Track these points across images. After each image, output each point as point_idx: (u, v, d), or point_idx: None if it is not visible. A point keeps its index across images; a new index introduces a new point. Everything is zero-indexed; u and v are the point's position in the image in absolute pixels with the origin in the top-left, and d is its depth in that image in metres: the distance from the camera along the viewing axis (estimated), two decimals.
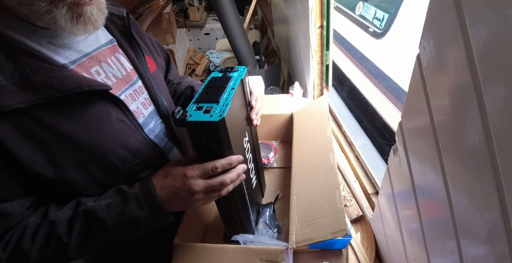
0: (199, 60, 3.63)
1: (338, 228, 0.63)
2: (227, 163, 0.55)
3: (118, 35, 0.64)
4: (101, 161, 0.54)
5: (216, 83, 0.61)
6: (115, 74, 0.60)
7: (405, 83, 1.12)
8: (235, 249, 0.64)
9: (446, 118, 0.40)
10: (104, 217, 0.51)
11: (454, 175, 0.41)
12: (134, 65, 0.65)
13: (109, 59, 0.60)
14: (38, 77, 0.46)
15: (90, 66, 0.56)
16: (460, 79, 0.36)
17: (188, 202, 0.55)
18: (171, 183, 0.54)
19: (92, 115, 0.52)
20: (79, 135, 0.51)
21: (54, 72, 0.48)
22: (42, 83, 0.46)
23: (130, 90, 0.62)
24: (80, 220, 0.51)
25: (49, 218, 0.51)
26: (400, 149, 0.56)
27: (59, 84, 0.47)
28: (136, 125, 0.60)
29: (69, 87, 0.47)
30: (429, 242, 0.52)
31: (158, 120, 0.68)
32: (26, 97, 0.45)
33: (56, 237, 0.50)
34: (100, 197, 0.54)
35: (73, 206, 0.53)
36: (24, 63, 0.46)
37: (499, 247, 0.34)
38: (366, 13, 1.47)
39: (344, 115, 1.40)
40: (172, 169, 0.56)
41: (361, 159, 1.05)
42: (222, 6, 1.86)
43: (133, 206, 0.52)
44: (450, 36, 0.36)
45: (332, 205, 0.69)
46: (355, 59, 1.54)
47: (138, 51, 0.66)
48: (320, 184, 0.76)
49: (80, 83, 0.49)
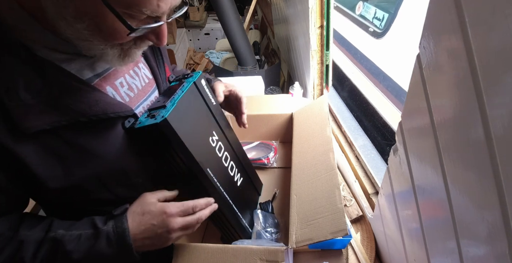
0: (199, 60, 3.63)
1: (338, 228, 0.63)
2: (204, 203, 0.59)
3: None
4: (118, 175, 0.55)
5: (169, 91, 0.63)
6: (137, 85, 0.60)
7: (405, 83, 1.11)
8: (235, 249, 0.64)
9: (446, 118, 0.40)
10: (71, 250, 0.50)
11: (454, 175, 0.41)
12: (154, 75, 0.64)
13: (131, 71, 0.60)
14: (65, 99, 0.46)
15: (115, 78, 0.55)
16: (460, 79, 0.36)
17: (163, 240, 0.55)
18: (149, 220, 0.54)
19: (112, 134, 0.53)
20: (99, 151, 0.51)
21: (82, 94, 0.47)
22: (69, 106, 0.46)
23: (147, 101, 0.62)
24: (47, 246, 0.49)
25: (20, 237, 0.49)
26: (400, 148, 0.56)
27: (86, 109, 0.47)
28: None
29: (96, 114, 0.47)
30: (429, 242, 0.52)
31: None
32: (52, 118, 0.44)
33: (21, 259, 0.48)
34: (72, 225, 0.53)
35: (45, 228, 0.51)
36: (53, 81, 0.45)
37: (499, 247, 0.34)
38: (366, 13, 1.47)
39: (344, 115, 1.40)
40: (150, 206, 0.55)
41: (361, 159, 1.05)
42: (222, 6, 1.86)
43: (103, 244, 0.51)
44: (450, 36, 0.36)
45: (332, 205, 0.69)
46: (355, 59, 1.54)
47: (160, 60, 0.66)
48: (320, 183, 0.76)
49: (107, 109, 0.49)
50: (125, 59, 0.49)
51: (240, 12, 2.45)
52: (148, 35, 0.48)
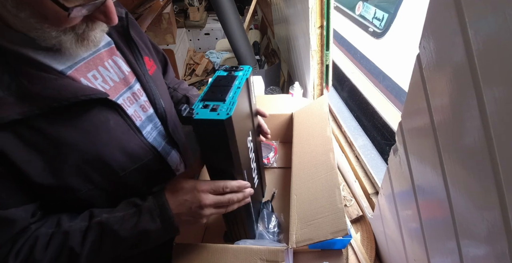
0: (199, 60, 3.63)
1: (338, 227, 0.63)
2: (237, 186, 0.58)
3: (116, 36, 0.63)
4: (101, 167, 0.54)
5: (221, 82, 0.61)
6: (113, 78, 0.60)
7: (405, 83, 1.12)
8: (236, 249, 0.64)
9: (446, 118, 0.40)
10: (118, 229, 0.52)
11: (454, 175, 0.41)
12: (132, 68, 0.64)
13: (106, 63, 0.59)
14: (34, 87, 0.46)
15: (87, 71, 0.55)
16: (460, 79, 0.36)
17: (197, 216, 0.56)
18: (182, 196, 0.56)
19: (91, 123, 0.53)
20: (78, 142, 0.51)
21: (51, 82, 0.48)
22: (39, 93, 0.46)
23: (128, 93, 0.62)
24: (94, 231, 0.52)
25: (63, 229, 0.51)
26: (400, 149, 0.56)
27: (55, 94, 0.47)
28: (135, 130, 0.60)
29: (66, 97, 0.48)
30: (429, 242, 0.52)
31: (158, 123, 0.68)
32: (23, 108, 0.45)
33: (69, 248, 0.50)
34: (114, 209, 0.55)
35: (87, 217, 0.53)
36: (20, 73, 0.46)
37: (499, 247, 0.34)
38: (366, 13, 1.47)
39: (344, 115, 1.40)
40: (183, 183, 0.57)
41: (361, 159, 1.05)
42: (222, 6, 1.86)
43: (147, 219, 0.54)
44: (450, 36, 0.36)
45: (332, 204, 0.69)
46: (355, 59, 1.54)
47: (137, 52, 0.65)
48: (320, 183, 0.76)
49: (76, 93, 0.49)
50: (85, 43, 0.49)
51: (240, 12, 2.45)
52: (96, 14, 0.47)
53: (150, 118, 0.66)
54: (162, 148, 0.68)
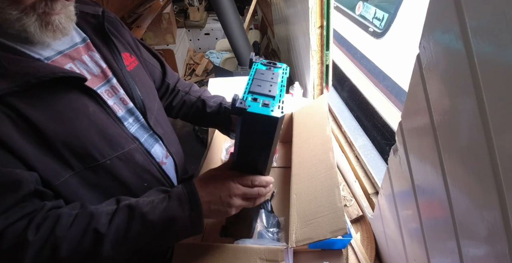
0: (199, 60, 3.63)
1: (337, 226, 0.63)
2: (265, 180, 0.58)
3: (92, 33, 0.65)
4: (79, 152, 0.54)
5: (264, 76, 0.60)
6: (90, 71, 0.61)
7: (405, 83, 1.12)
8: (235, 249, 0.64)
9: (446, 118, 0.40)
10: (147, 211, 0.51)
11: (454, 175, 0.41)
12: (107, 63, 0.65)
13: (83, 57, 0.61)
14: (13, 67, 0.47)
15: (63, 63, 0.57)
16: (460, 79, 0.36)
17: (226, 205, 0.55)
18: (212, 184, 0.56)
19: (67, 106, 0.53)
20: (54, 124, 0.51)
21: (29, 63, 0.49)
22: (17, 72, 0.47)
23: (106, 86, 0.63)
24: (122, 213, 0.51)
25: (88, 210, 0.50)
26: (400, 148, 0.56)
27: (34, 71, 0.48)
28: (115, 119, 0.61)
29: (44, 74, 0.49)
30: (429, 242, 0.52)
31: (139, 117, 0.68)
32: (2, 85, 0.46)
33: (94, 229, 0.49)
34: (141, 196, 0.55)
35: (114, 202, 0.53)
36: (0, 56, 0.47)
37: (499, 247, 0.34)
38: (366, 13, 1.47)
39: (344, 115, 1.40)
40: (213, 171, 0.59)
41: (361, 159, 1.05)
42: (222, 6, 1.86)
43: (175, 204, 0.53)
44: (450, 36, 0.36)
45: (331, 204, 0.69)
46: (355, 59, 1.54)
47: (113, 48, 0.67)
48: (319, 183, 0.76)
49: (54, 71, 0.50)
50: (50, 28, 0.50)
51: (240, 12, 2.45)
52: None
53: (131, 111, 0.67)
54: (145, 140, 0.68)
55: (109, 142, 0.58)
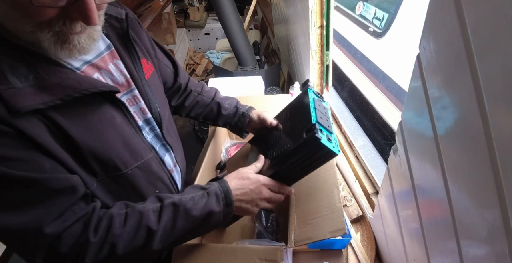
0: (199, 60, 3.63)
1: (337, 227, 0.63)
2: (288, 190, 0.67)
3: (116, 39, 0.63)
4: (105, 161, 0.55)
5: (321, 108, 0.70)
6: (115, 80, 0.60)
7: (405, 83, 1.11)
8: (235, 249, 0.64)
9: (446, 118, 0.40)
10: (190, 207, 0.56)
11: (454, 175, 0.41)
12: (130, 72, 0.64)
13: (109, 66, 0.60)
14: (53, 79, 0.46)
15: (91, 73, 0.56)
16: (460, 79, 0.36)
17: (254, 205, 0.63)
18: (248, 185, 0.62)
19: (99, 118, 0.53)
20: (87, 136, 0.51)
21: (68, 74, 0.48)
22: (59, 84, 0.46)
23: (128, 95, 0.63)
24: (169, 210, 0.55)
25: (137, 209, 0.53)
26: (400, 148, 0.56)
27: (76, 85, 0.47)
28: (136, 128, 0.61)
29: (86, 87, 0.48)
30: (429, 242, 0.52)
31: (155, 127, 0.69)
32: (44, 98, 0.45)
33: (146, 227, 0.52)
34: (180, 193, 0.59)
35: (156, 200, 0.56)
36: (36, 66, 0.46)
37: (499, 247, 0.34)
38: (366, 13, 1.47)
39: (344, 115, 1.40)
40: (248, 174, 0.64)
41: (361, 159, 1.05)
42: (222, 6, 1.86)
43: (213, 201, 0.58)
44: (450, 36, 0.36)
45: (331, 204, 0.69)
46: (355, 59, 1.54)
47: (135, 55, 0.65)
48: (319, 183, 0.76)
49: (95, 84, 0.50)
50: (66, 46, 0.46)
51: (240, 12, 2.45)
52: (73, 13, 0.43)
53: (148, 122, 0.67)
54: (159, 149, 0.69)
55: (131, 152, 0.59)
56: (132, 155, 0.59)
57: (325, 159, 0.63)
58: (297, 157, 0.62)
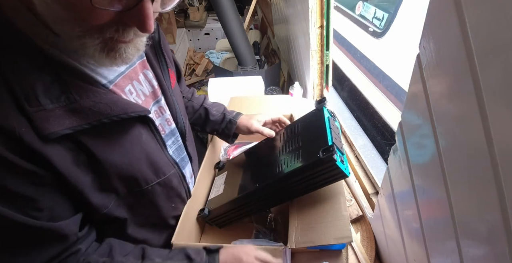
0: (199, 60, 3.62)
1: (342, 234, 0.64)
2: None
3: (148, 49, 0.61)
4: (128, 179, 0.54)
5: (334, 128, 0.73)
6: (144, 92, 0.59)
7: (405, 83, 1.11)
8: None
9: (446, 118, 0.40)
10: None
11: (454, 175, 0.41)
12: (159, 82, 0.63)
13: (139, 77, 0.59)
14: (85, 101, 0.44)
15: (124, 85, 0.54)
16: (460, 79, 0.36)
17: None
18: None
19: (127, 137, 0.52)
20: (112, 155, 0.50)
21: (101, 96, 0.46)
22: (90, 108, 0.44)
23: (155, 107, 0.62)
24: None
25: (115, 261, 0.52)
26: (400, 148, 0.56)
27: (107, 110, 0.46)
28: (161, 144, 0.60)
29: (117, 113, 0.46)
30: (429, 242, 0.52)
31: (178, 138, 0.68)
32: (73, 123, 0.43)
33: None
34: (167, 255, 0.58)
35: (139, 256, 0.55)
36: (70, 85, 0.44)
37: (499, 247, 0.34)
38: (366, 13, 1.47)
39: (344, 115, 1.40)
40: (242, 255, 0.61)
41: (361, 159, 1.05)
42: (222, 6, 1.86)
43: None
44: (450, 36, 0.36)
45: (336, 211, 0.70)
46: (355, 59, 1.54)
47: (164, 65, 0.64)
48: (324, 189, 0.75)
49: (127, 109, 0.48)
50: (111, 55, 0.44)
51: (240, 12, 2.45)
52: (129, 18, 0.40)
53: (173, 133, 0.66)
54: (179, 161, 0.69)
55: (154, 168, 0.58)
56: (155, 171, 0.58)
57: (335, 179, 0.65)
58: (307, 174, 0.64)
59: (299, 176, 0.65)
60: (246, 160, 0.89)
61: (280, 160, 0.72)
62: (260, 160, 0.84)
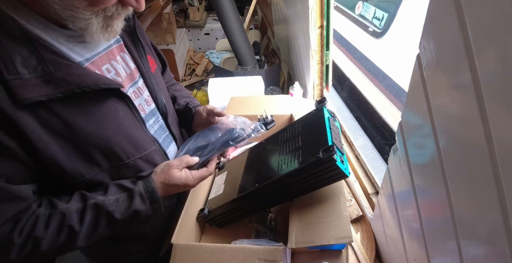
0: (199, 60, 3.62)
1: (343, 234, 0.64)
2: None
3: (124, 35, 0.67)
4: (107, 153, 0.58)
5: (334, 128, 0.72)
6: (122, 73, 0.63)
7: (405, 83, 1.11)
8: (233, 249, 0.64)
9: (446, 118, 0.40)
10: (113, 210, 0.57)
11: (454, 175, 0.41)
12: (137, 65, 0.68)
13: (117, 58, 0.63)
14: (59, 73, 0.49)
15: (101, 64, 0.59)
16: (460, 79, 0.36)
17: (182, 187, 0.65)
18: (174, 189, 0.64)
19: (103, 111, 0.56)
20: (90, 128, 0.54)
21: (74, 69, 0.51)
22: (63, 79, 0.49)
23: (134, 87, 0.66)
24: (91, 211, 0.56)
25: (59, 210, 0.55)
26: (400, 148, 0.56)
27: (78, 81, 0.50)
28: (140, 121, 0.64)
29: (88, 84, 0.51)
30: (429, 242, 0.52)
31: (159, 117, 0.72)
32: (47, 91, 0.47)
33: (68, 226, 0.54)
34: (105, 193, 0.59)
35: (80, 199, 0.57)
36: (46, 58, 0.48)
37: (499, 247, 0.34)
38: (365, 13, 1.47)
39: (344, 115, 1.39)
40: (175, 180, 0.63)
41: (361, 159, 1.05)
42: (222, 6, 1.86)
43: (138, 201, 0.60)
44: (450, 36, 0.36)
45: (337, 211, 0.69)
46: (355, 59, 1.54)
47: (141, 51, 0.69)
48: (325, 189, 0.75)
49: (97, 81, 0.52)
50: (108, 30, 0.53)
51: (240, 12, 2.45)
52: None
53: (153, 113, 0.70)
54: (163, 140, 0.72)
55: (134, 144, 0.62)
56: (135, 146, 0.62)
57: (335, 179, 0.65)
58: (307, 174, 0.64)
59: (299, 176, 0.65)
60: (246, 160, 0.89)
61: (280, 160, 0.72)
62: (260, 160, 0.84)
